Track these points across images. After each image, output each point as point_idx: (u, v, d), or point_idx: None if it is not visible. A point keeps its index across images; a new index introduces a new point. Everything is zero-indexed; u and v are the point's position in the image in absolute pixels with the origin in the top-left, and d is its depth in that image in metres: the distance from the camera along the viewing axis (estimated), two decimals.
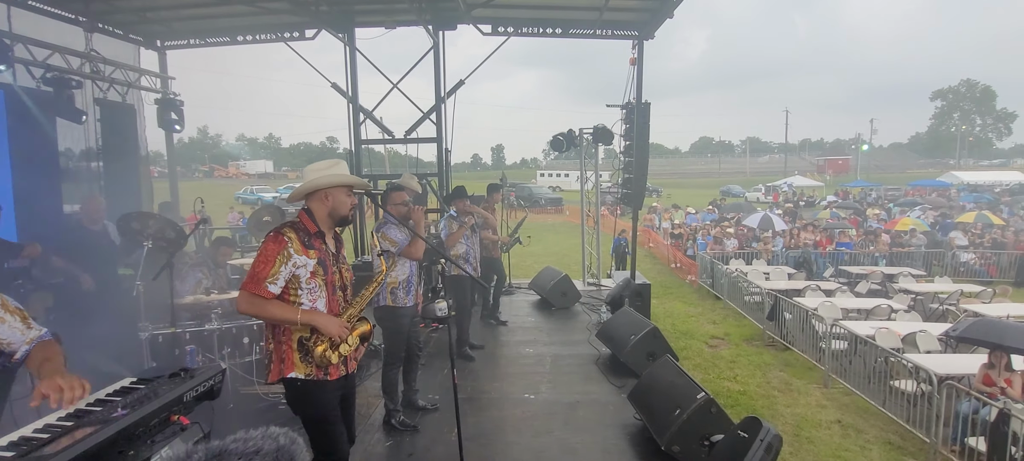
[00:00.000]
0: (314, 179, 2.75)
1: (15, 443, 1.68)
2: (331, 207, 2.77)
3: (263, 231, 7.02)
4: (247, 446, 1.08)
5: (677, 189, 45.90)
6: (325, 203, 2.76)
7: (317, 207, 2.76)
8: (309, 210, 2.77)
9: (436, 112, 8.65)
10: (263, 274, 2.57)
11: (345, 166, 2.87)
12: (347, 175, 2.84)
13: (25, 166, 6.21)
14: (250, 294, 2.60)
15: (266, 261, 2.58)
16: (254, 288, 2.58)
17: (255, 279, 2.58)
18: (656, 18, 7.94)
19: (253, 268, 2.59)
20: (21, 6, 6.66)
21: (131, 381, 2.14)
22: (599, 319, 7.62)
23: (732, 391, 7.08)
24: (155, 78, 9.06)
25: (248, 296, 2.61)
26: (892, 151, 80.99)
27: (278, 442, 1.12)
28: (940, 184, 36.87)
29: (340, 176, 2.78)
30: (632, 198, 8.49)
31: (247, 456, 1.06)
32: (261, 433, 1.13)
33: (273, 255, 2.59)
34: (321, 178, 2.75)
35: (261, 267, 2.57)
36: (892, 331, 7.16)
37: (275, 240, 2.61)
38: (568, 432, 4.52)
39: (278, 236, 2.63)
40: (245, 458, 1.06)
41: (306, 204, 2.79)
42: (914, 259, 14.15)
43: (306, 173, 2.82)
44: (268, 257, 2.58)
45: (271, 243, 2.61)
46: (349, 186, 2.82)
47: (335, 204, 2.77)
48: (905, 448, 5.73)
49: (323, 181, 2.74)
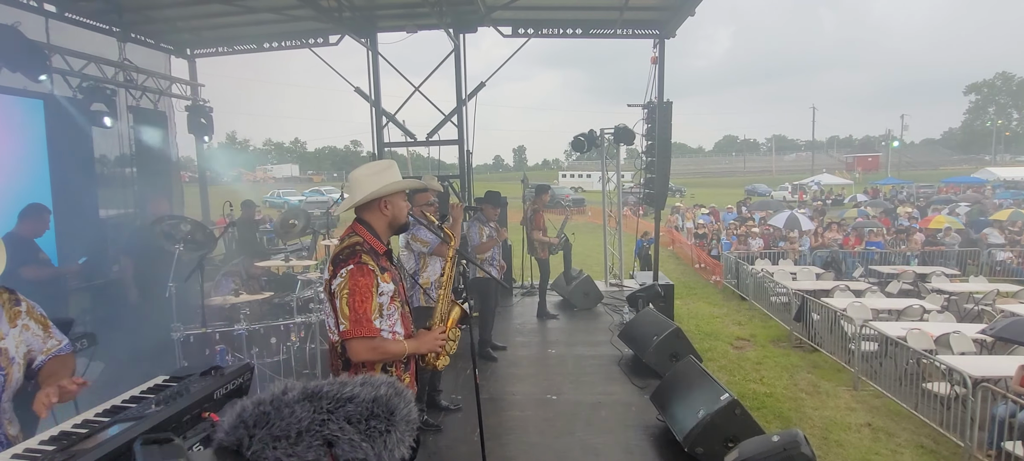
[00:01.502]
0: (380, 187, 2.38)
1: (55, 438, 1.75)
2: (392, 217, 2.46)
3: (289, 234, 7.18)
4: (342, 390, 1.04)
5: (701, 188, 45.35)
6: (384, 213, 2.44)
7: (376, 219, 2.44)
8: (366, 224, 2.43)
9: (457, 114, 8.72)
10: (367, 312, 2.28)
11: (397, 168, 2.53)
12: (408, 179, 2.62)
13: (63, 173, 6.45)
14: (367, 340, 2.29)
15: (364, 298, 2.27)
16: (369, 331, 2.29)
17: (363, 321, 2.27)
18: (677, 17, 7.89)
19: (354, 311, 2.26)
20: (58, 18, 6.91)
21: (164, 379, 2.21)
22: (622, 320, 7.58)
23: (758, 393, 6.97)
24: (185, 85, 9.30)
25: (365, 343, 2.29)
26: (924, 147, 78.81)
27: (378, 391, 1.06)
28: (975, 181, 35.69)
29: (401, 181, 2.48)
30: (654, 198, 8.43)
31: (340, 400, 1.02)
32: (362, 379, 1.08)
33: (368, 289, 2.29)
34: (386, 186, 2.39)
35: (362, 306, 2.27)
36: (924, 332, 6.97)
37: (361, 273, 2.28)
38: (590, 433, 4.51)
39: (362, 267, 2.29)
40: (338, 402, 1.02)
41: (360, 216, 2.45)
42: (947, 258, 13.75)
43: (357, 180, 2.43)
44: (365, 293, 2.27)
45: (360, 277, 2.28)
46: (407, 190, 2.55)
47: (396, 213, 2.47)
48: (938, 452, 5.58)
49: (387, 188, 2.39)
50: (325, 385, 1.04)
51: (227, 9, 7.79)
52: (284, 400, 0.99)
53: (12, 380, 1.91)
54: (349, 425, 0.99)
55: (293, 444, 0.95)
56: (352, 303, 2.26)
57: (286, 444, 0.95)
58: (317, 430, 0.97)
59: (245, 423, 0.97)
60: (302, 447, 0.95)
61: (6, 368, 1.89)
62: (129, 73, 8.06)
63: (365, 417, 1.01)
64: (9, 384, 1.90)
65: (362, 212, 2.45)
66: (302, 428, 0.96)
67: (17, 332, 1.95)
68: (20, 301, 2.00)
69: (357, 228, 2.43)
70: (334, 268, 2.34)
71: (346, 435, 0.98)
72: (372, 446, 1.00)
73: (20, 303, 2.00)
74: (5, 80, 5.94)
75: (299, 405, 0.99)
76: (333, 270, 2.34)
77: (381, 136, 8.98)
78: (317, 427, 0.97)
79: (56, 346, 2.09)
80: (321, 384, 1.04)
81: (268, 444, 0.94)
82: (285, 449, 0.94)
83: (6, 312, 1.94)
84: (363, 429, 1.00)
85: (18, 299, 2.00)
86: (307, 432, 0.96)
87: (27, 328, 2.00)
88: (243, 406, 1.00)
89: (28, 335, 2.00)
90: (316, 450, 0.96)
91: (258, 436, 0.95)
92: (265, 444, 0.94)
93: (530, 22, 8.58)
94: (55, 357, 2.07)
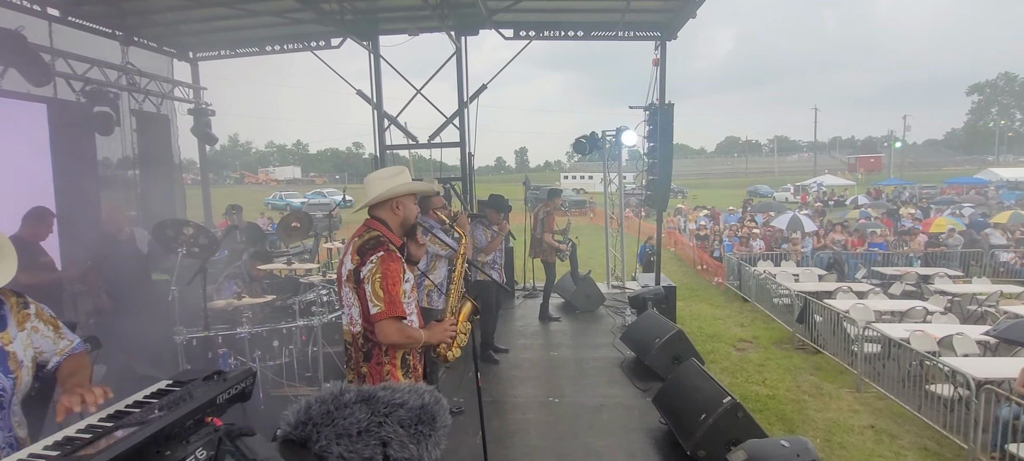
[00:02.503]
0: (392, 188, 2.56)
1: (59, 443, 1.75)
2: (403, 217, 2.62)
3: (292, 236, 7.19)
4: (394, 396, 1.16)
5: (702, 189, 45.31)
6: (396, 213, 2.61)
7: (389, 218, 2.60)
8: (381, 221, 2.60)
9: (459, 117, 8.73)
10: (398, 295, 2.40)
11: (408, 173, 2.71)
12: (418, 182, 2.72)
13: (67, 176, 6.47)
14: (397, 321, 2.40)
15: (394, 281, 2.40)
16: (401, 311, 2.40)
17: (395, 302, 2.39)
18: (679, 18, 7.89)
19: (388, 292, 2.38)
20: (62, 22, 6.94)
21: (167, 383, 2.21)
22: (623, 322, 7.58)
23: (761, 395, 6.96)
24: (188, 89, 9.33)
25: (396, 324, 2.40)
26: (927, 148, 78.72)
27: (423, 399, 1.19)
28: (978, 181, 35.63)
29: (412, 183, 2.65)
30: (656, 200, 8.43)
31: (393, 405, 1.15)
32: (408, 387, 1.21)
33: (397, 274, 2.42)
34: (398, 187, 2.56)
35: (394, 287, 2.39)
36: (928, 334, 6.95)
37: (391, 258, 2.43)
38: (592, 436, 4.51)
39: (391, 253, 2.45)
40: (391, 407, 1.14)
41: (374, 215, 2.62)
42: (950, 260, 13.71)
43: (372, 182, 2.62)
44: (395, 277, 2.40)
45: (390, 262, 2.42)
46: (417, 193, 2.69)
47: (406, 213, 2.63)
48: (942, 455, 5.56)
49: (399, 189, 2.57)
50: (379, 390, 1.17)
51: (229, 12, 7.81)
52: (343, 401, 1.13)
53: (21, 384, 1.91)
54: (401, 429, 1.12)
55: (354, 442, 1.08)
56: (385, 285, 2.37)
57: (348, 442, 1.08)
58: (375, 431, 1.10)
59: (313, 420, 1.10)
60: (361, 445, 1.08)
61: (15, 372, 1.89)
62: (132, 76, 8.09)
63: (414, 422, 1.14)
64: (19, 388, 1.90)
65: (376, 211, 2.61)
66: (362, 428, 1.09)
67: (25, 336, 1.95)
68: (29, 304, 2.01)
69: (373, 223, 2.58)
70: (361, 257, 2.43)
71: (398, 437, 1.11)
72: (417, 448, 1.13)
73: (29, 306, 2.01)
74: (9, 84, 5.96)
75: (357, 407, 1.12)
76: (360, 259, 2.44)
77: (383, 138, 8.99)
78: (375, 428, 1.10)
79: (69, 346, 2.10)
80: (375, 389, 1.18)
81: (333, 441, 1.07)
82: (347, 446, 1.07)
83: (14, 315, 1.95)
84: (412, 433, 1.13)
85: (26, 302, 2.01)
86: (366, 432, 1.09)
87: (36, 330, 2.00)
88: (309, 403, 1.13)
89: (38, 337, 2.00)
90: (372, 448, 1.09)
91: (325, 433, 1.08)
92: (330, 440, 1.07)
93: (532, 24, 8.59)
94: (70, 356, 2.08)
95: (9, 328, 1.91)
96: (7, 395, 1.87)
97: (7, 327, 1.90)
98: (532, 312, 8.31)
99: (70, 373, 2.00)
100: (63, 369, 2.03)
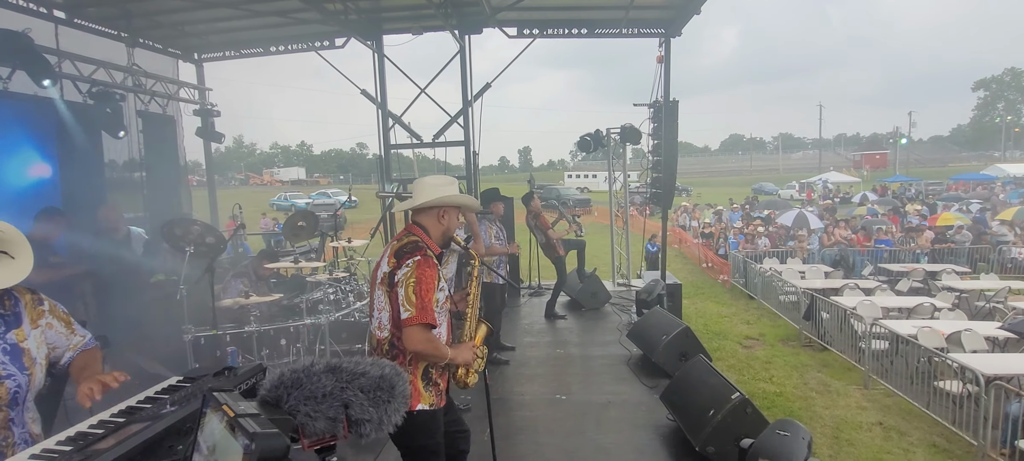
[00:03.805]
0: (442, 196, 2.52)
1: (72, 438, 1.76)
2: (446, 227, 2.58)
3: (298, 236, 7.20)
4: (357, 367, 1.34)
5: (706, 187, 45.17)
6: (440, 222, 2.56)
7: (432, 225, 2.56)
8: (422, 227, 2.55)
9: (463, 116, 8.72)
10: (431, 302, 2.35)
11: (458, 186, 2.66)
12: (466, 196, 2.68)
13: (74, 178, 6.50)
14: (427, 328, 2.35)
15: (428, 288, 2.34)
16: (431, 319, 2.35)
17: (427, 309, 2.33)
18: (683, 15, 7.86)
19: (420, 297, 2.33)
20: (68, 24, 6.97)
21: (177, 380, 2.23)
22: (629, 319, 7.57)
23: (768, 392, 6.94)
24: (193, 90, 9.36)
25: (424, 332, 2.35)
26: (933, 144, 78.20)
27: (383, 370, 1.36)
28: (985, 177, 35.40)
29: (461, 196, 2.60)
30: (661, 197, 8.41)
31: (355, 374, 1.32)
32: (371, 360, 1.39)
33: (432, 281, 2.36)
34: (448, 197, 2.53)
35: (427, 294, 2.34)
36: (936, 330, 6.92)
37: (428, 264, 2.38)
38: (600, 433, 4.50)
39: (428, 260, 2.40)
40: (354, 375, 1.32)
41: (417, 221, 2.57)
42: (957, 256, 13.63)
43: (423, 185, 2.58)
44: (429, 284, 2.35)
45: (426, 268, 2.37)
46: (463, 207, 2.66)
47: (450, 225, 2.59)
48: (951, 451, 5.54)
49: (449, 199, 2.53)
50: (344, 362, 1.36)
51: (234, 13, 7.82)
52: (313, 371, 1.30)
53: (35, 380, 1.95)
54: (362, 393, 1.30)
55: (318, 403, 1.26)
56: (419, 290, 2.34)
57: (314, 403, 1.26)
58: (338, 394, 1.28)
59: (284, 384, 1.27)
60: (326, 406, 1.26)
61: (30, 368, 1.92)
62: (138, 78, 8.11)
63: (373, 389, 1.32)
64: (33, 384, 1.94)
65: (419, 216, 2.57)
66: (326, 392, 1.27)
67: (39, 333, 1.99)
68: (43, 301, 2.05)
69: (413, 229, 2.55)
70: (398, 260, 2.41)
71: (358, 400, 1.29)
72: (376, 411, 1.31)
73: (43, 303, 2.05)
74: (16, 85, 5.99)
75: (325, 376, 1.30)
76: (396, 262, 2.41)
77: (388, 138, 9.00)
78: (338, 393, 1.28)
79: (81, 342, 2.14)
80: (342, 361, 1.36)
81: (301, 402, 1.25)
82: (313, 407, 1.25)
83: (29, 313, 1.98)
84: (371, 397, 1.31)
85: (41, 299, 2.05)
86: (330, 395, 1.27)
87: (50, 327, 2.04)
88: (282, 372, 1.30)
89: (52, 333, 2.04)
90: (335, 409, 1.27)
91: (293, 395, 1.26)
92: (299, 402, 1.25)
93: (535, 22, 8.57)
94: (83, 352, 2.12)
95: (24, 325, 1.94)
96: (22, 391, 1.90)
97: (22, 324, 1.93)
98: (538, 310, 8.31)
99: (84, 366, 2.05)
100: (76, 363, 2.08)
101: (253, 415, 1.15)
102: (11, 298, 1.94)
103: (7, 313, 1.91)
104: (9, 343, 1.88)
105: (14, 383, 1.87)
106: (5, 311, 1.91)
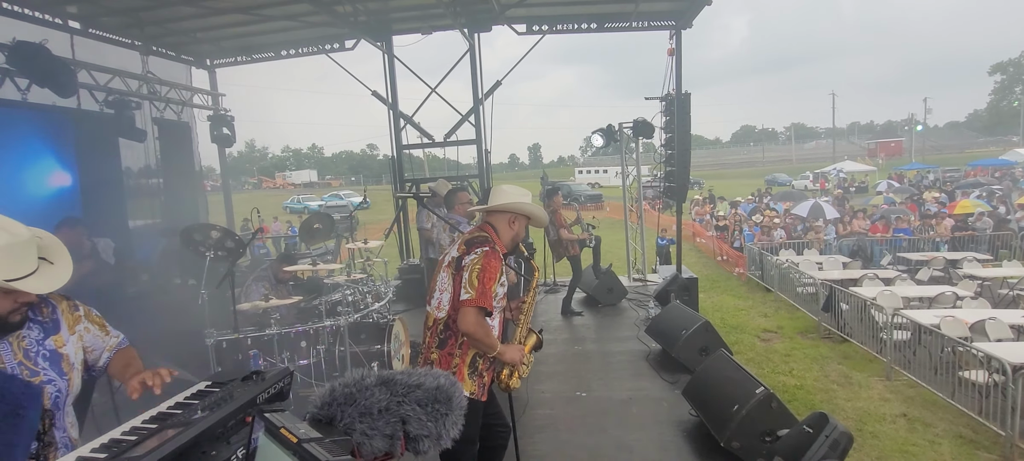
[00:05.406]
0: (518, 202, 2.66)
1: (106, 445, 1.77)
2: (515, 233, 2.71)
3: (314, 239, 7.24)
4: (410, 378, 1.28)
5: (719, 180, 44.81)
6: (511, 227, 2.70)
7: (504, 229, 2.69)
8: (494, 228, 2.69)
9: (474, 114, 8.72)
10: (491, 291, 2.46)
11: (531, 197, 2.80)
12: (538, 207, 2.78)
13: (93, 185, 6.59)
14: (482, 312, 2.46)
15: (491, 277, 2.46)
16: (488, 304, 2.45)
17: (486, 295, 2.44)
18: (694, 6, 7.79)
19: (482, 283, 2.45)
20: (83, 35, 7.06)
21: (206, 385, 2.23)
22: (647, 315, 7.52)
23: (789, 385, 6.88)
24: (206, 96, 9.44)
25: (479, 315, 2.46)
26: (949, 130, 76.91)
27: (439, 381, 1.29)
28: (1003, 163, 34.70)
29: (533, 205, 2.72)
30: (676, 191, 8.34)
31: (410, 386, 1.26)
32: (425, 371, 1.31)
33: (495, 272, 2.48)
34: (523, 204, 2.67)
35: (489, 282, 2.45)
36: (959, 319, 6.80)
37: (495, 256, 2.52)
38: (623, 430, 4.48)
39: (495, 253, 2.54)
40: (409, 388, 1.25)
41: (491, 221, 2.71)
42: (978, 243, 13.40)
43: (503, 189, 2.73)
44: (492, 274, 2.47)
45: (493, 259, 2.50)
46: (532, 217, 2.77)
47: (519, 231, 2.72)
48: (978, 442, 5.44)
49: (524, 206, 2.67)
50: (398, 374, 1.29)
51: (245, 18, 7.89)
52: (365, 384, 1.25)
53: (74, 385, 1.98)
54: (418, 407, 1.23)
55: (375, 420, 1.20)
56: (482, 277, 2.46)
57: (370, 419, 1.19)
58: (394, 410, 1.22)
59: (337, 401, 1.22)
60: (382, 423, 1.20)
61: (69, 374, 1.95)
62: (152, 85, 8.20)
63: (430, 401, 1.25)
64: (71, 389, 1.97)
65: (493, 217, 2.72)
66: (382, 407, 1.21)
67: (76, 338, 2.02)
68: (78, 306, 2.08)
69: (486, 228, 2.70)
70: (467, 248, 2.57)
71: (416, 415, 1.22)
72: (435, 425, 1.24)
73: (78, 309, 2.08)
74: (35, 96, 6.07)
75: (378, 389, 1.24)
76: (466, 249, 2.57)
77: (399, 138, 9.03)
78: (394, 407, 1.22)
79: (116, 342, 2.17)
80: (394, 373, 1.30)
81: (356, 418, 1.19)
82: (369, 423, 1.19)
83: (66, 319, 2.00)
84: (429, 411, 1.24)
85: (76, 305, 2.08)
86: (386, 411, 1.21)
87: (88, 331, 2.07)
88: (333, 386, 1.25)
89: (89, 337, 2.07)
90: (393, 425, 1.20)
91: (348, 412, 1.19)
92: (354, 418, 1.19)
93: (544, 18, 8.54)
94: (119, 351, 2.15)
95: (62, 331, 1.97)
96: (62, 396, 1.93)
97: (60, 330, 1.96)
98: (554, 307, 8.29)
99: (126, 364, 2.09)
100: (116, 363, 2.12)
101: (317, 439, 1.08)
102: (49, 305, 1.97)
103: (46, 320, 1.94)
104: (48, 349, 1.90)
105: (54, 388, 1.89)
106: (44, 318, 1.94)
